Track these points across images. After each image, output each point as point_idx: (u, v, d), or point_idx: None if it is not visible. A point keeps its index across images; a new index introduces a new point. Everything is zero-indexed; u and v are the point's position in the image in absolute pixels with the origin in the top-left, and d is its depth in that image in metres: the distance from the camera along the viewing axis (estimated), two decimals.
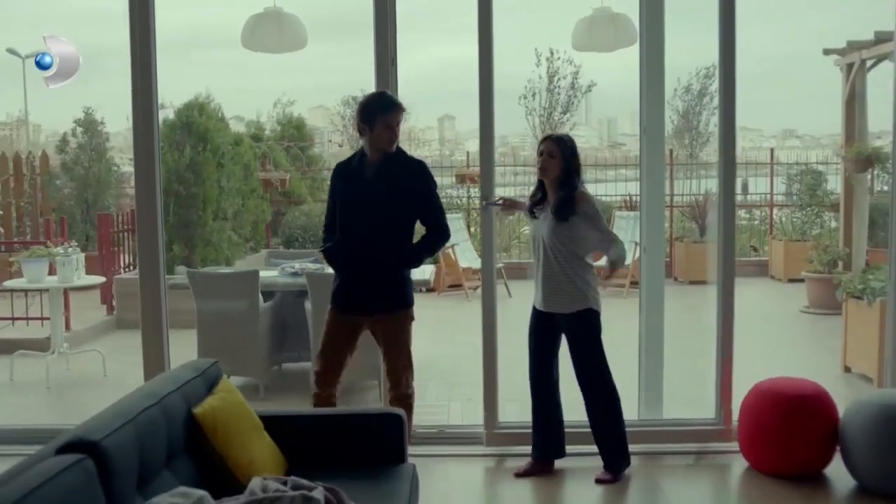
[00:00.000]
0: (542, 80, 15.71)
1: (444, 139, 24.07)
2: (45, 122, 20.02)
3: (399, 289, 4.32)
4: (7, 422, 5.70)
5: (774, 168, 13.89)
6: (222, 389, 3.23)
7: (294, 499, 2.53)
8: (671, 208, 13.20)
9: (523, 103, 16.43)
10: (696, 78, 15.40)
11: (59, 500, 2.11)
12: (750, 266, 12.74)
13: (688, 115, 15.85)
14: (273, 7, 6.03)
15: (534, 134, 17.18)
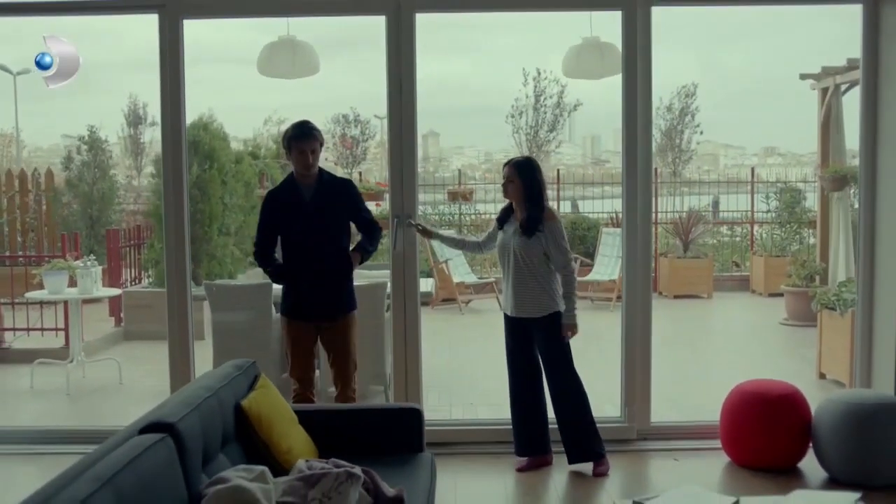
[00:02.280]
0: (528, 99, 16.16)
1: (428, 156, 24.54)
2: (27, 138, 20.35)
3: (345, 296, 4.90)
4: (32, 424, 6.08)
5: (756, 186, 14.38)
6: (262, 385, 3.64)
7: (339, 475, 2.93)
8: (655, 224, 13.68)
9: (510, 122, 16.90)
10: (677, 97, 15.94)
11: (149, 470, 2.51)
12: (732, 281, 13.19)
13: (670, 134, 16.34)
14: (287, 35, 6.44)
15: (520, 151, 17.61)
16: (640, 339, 5.41)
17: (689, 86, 15.80)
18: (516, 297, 4.89)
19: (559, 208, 14.50)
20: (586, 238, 12.76)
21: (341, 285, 4.90)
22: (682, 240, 12.69)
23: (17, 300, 8.94)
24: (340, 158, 16.63)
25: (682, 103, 16.08)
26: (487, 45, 28.27)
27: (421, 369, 5.50)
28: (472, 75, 19.99)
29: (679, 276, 12.28)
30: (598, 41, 6.28)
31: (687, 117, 16.17)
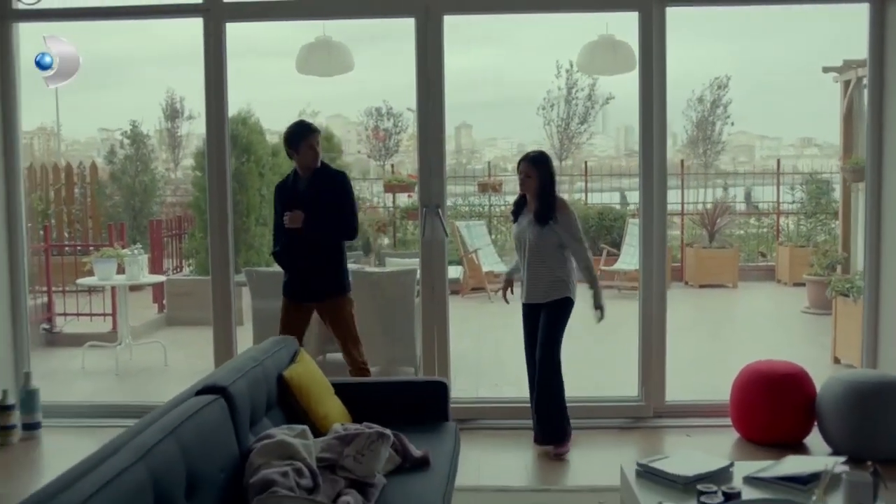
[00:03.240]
0: (560, 91, 16.35)
1: (460, 148, 24.68)
2: (65, 131, 20.83)
3: (334, 280, 5.32)
4: (84, 400, 6.51)
5: (783, 177, 14.51)
6: (301, 359, 4.00)
7: (371, 434, 3.28)
8: (682, 216, 13.91)
9: (541, 114, 17.10)
10: (708, 89, 16.05)
11: (206, 425, 2.88)
12: (758, 271, 13.39)
13: (701, 125, 16.46)
14: (323, 35, 6.80)
15: (550, 143, 17.83)
16: (656, 325, 5.71)
17: (721, 77, 15.88)
18: (529, 284, 5.10)
19: (587, 200, 14.71)
20: (613, 228, 13.00)
21: (330, 270, 5.30)
22: (708, 230, 12.90)
23: (67, 288, 9.43)
24: (373, 151, 16.93)
25: (714, 95, 16.20)
26: (520, 37, 28.31)
27: (449, 351, 5.84)
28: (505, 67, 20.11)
29: (704, 265, 12.50)
30: (613, 39, 6.57)
31: (719, 109, 16.28)
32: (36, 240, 10.80)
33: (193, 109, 15.50)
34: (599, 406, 5.70)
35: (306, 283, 5.31)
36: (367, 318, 6.71)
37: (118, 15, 6.15)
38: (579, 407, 5.42)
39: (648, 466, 3.49)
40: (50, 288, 9.35)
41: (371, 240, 12.68)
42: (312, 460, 3.05)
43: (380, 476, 3.28)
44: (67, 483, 2.22)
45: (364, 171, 17.05)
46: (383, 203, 14.63)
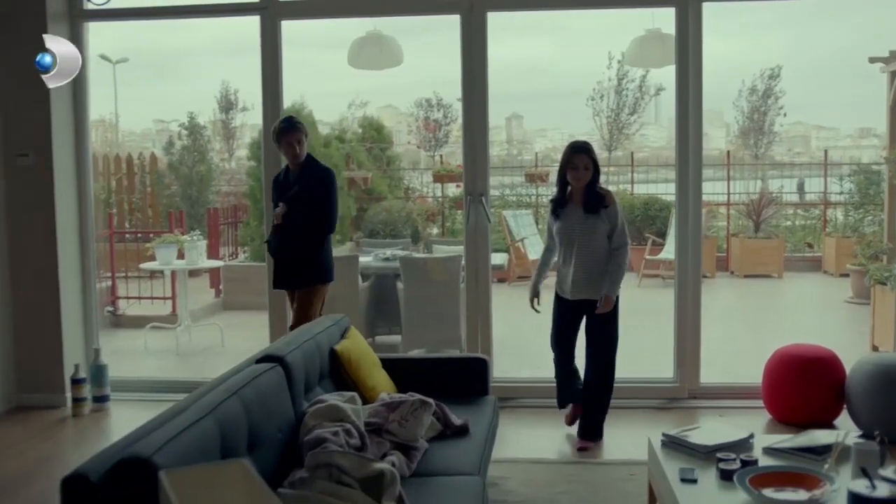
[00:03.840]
0: (610, 82, 16.43)
1: (511, 138, 24.76)
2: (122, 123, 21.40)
3: (309, 270, 5.56)
4: (148, 376, 6.91)
5: (838, 169, 14.45)
6: (351, 335, 4.31)
7: (414, 402, 3.57)
8: (728, 206, 13.99)
9: (590, 105, 17.19)
10: (760, 79, 16.03)
11: (265, 389, 3.19)
12: (804, 261, 13.41)
13: (753, 116, 16.44)
14: (374, 30, 7.10)
15: (600, 134, 17.90)
16: (692, 310, 5.92)
17: (773, 67, 15.83)
18: (578, 279, 4.95)
19: (633, 190, 14.84)
20: (658, 218, 13.13)
21: (307, 261, 5.54)
22: (754, 220, 12.98)
23: (129, 273, 9.88)
24: (423, 142, 17.18)
25: (766, 85, 16.17)
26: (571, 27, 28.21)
27: (491, 333, 6.11)
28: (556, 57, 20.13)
29: (750, 255, 12.57)
30: (660, 33, 6.76)
31: (770, 99, 16.25)
32: (100, 227, 11.29)
33: (247, 101, 15.93)
34: (636, 387, 5.93)
35: (285, 273, 5.62)
36: (415, 302, 7.03)
37: (180, 14, 6.52)
38: (617, 388, 5.63)
39: (673, 437, 3.72)
40: (114, 273, 9.81)
41: (420, 228, 12.97)
42: (361, 423, 3.35)
43: (422, 441, 3.58)
44: (145, 433, 2.54)
45: (415, 161, 17.32)
46: (432, 193, 14.91)
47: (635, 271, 11.67)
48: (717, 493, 3.24)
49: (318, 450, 2.98)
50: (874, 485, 2.79)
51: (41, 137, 6.04)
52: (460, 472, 3.39)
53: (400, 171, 15.47)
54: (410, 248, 9.56)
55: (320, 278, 5.62)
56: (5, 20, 5.94)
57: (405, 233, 12.24)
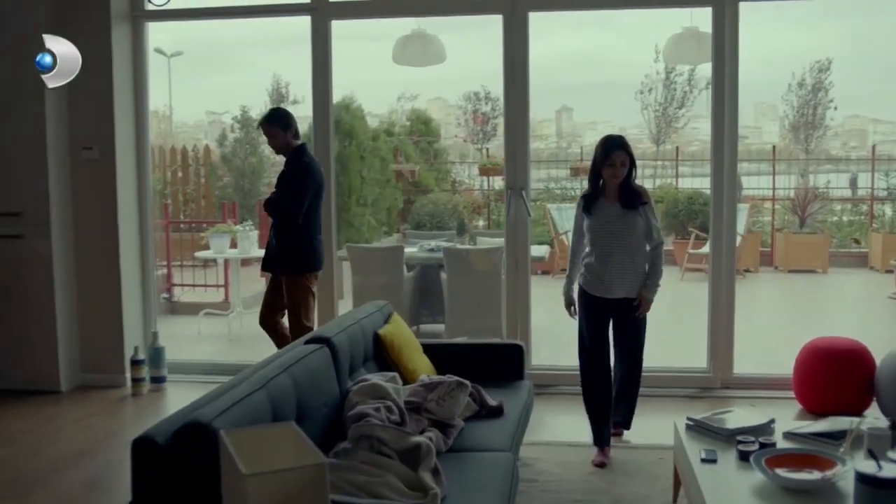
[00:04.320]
0: (658, 76, 16.46)
1: (561, 132, 24.84)
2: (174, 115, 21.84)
3: (283, 258, 5.73)
4: (203, 359, 7.24)
5: (885, 164, 14.34)
6: (394, 321, 4.57)
7: (451, 383, 3.81)
8: (773, 201, 14.00)
9: (639, 98, 17.23)
10: (809, 73, 15.95)
11: (313, 368, 3.46)
12: (850, 257, 13.38)
13: (803, 110, 16.36)
14: (418, 29, 7.35)
15: (648, 128, 17.93)
16: (725, 302, 6.08)
17: (823, 60, 15.73)
18: (613, 277, 4.74)
19: (677, 184, 14.89)
20: (701, 212, 13.20)
21: (282, 249, 5.74)
22: (799, 216, 12.99)
23: (183, 262, 10.27)
24: (471, 135, 17.36)
25: (815, 78, 16.08)
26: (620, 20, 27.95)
27: (530, 321, 6.33)
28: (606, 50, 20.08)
29: (794, 250, 12.59)
30: (698, 31, 6.90)
31: (820, 93, 16.14)
32: (156, 217, 11.70)
33: (298, 94, 16.21)
34: (671, 376, 6.11)
35: (266, 256, 5.88)
36: (459, 291, 7.28)
37: (234, 14, 6.83)
38: (652, 377, 5.82)
39: (698, 421, 3.91)
40: (169, 261, 10.20)
41: (466, 221, 13.21)
42: (401, 401, 3.60)
43: (459, 420, 3.82)
44: (205, 402, 2.82)
45: (463, 154, 17.52)
46: (479, 186, 15.12)
47: (678, 265, 11.78)
48: (735, 473, 3.43)
49: (361, 423, 3.24)
50: (881, 465, 2.96)
51: (105, 131, 6.38)
52: (493, 448, 3.63)
53: (447, 164, 15.70)
54: (455, 240, 9.81)
55: (294, 268, 5.76)
56: (72, 20, 6.27)
57: (451, 225, 12.48)
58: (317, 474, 1.86)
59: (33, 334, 6.34)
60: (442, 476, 3.10)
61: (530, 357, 6.21)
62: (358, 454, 3.11)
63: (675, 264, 11.79)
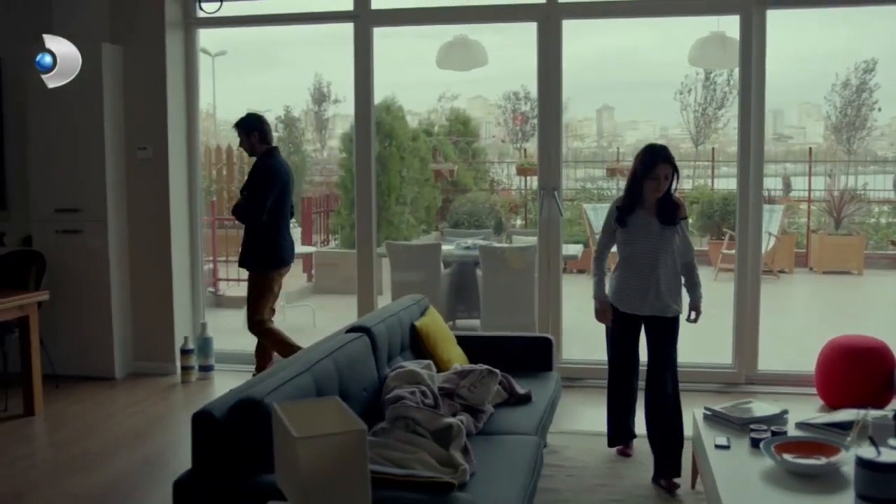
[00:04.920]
0: (698, 76, 16.56)
1: (602, 131, 24.87)
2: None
3: (246, 256, 6.09)
4: (248, 350, 7.56)
5: None
6: (430, 313, 4.85)
7: (482, 371, 4.08)
8: (809, 202, 14.07)
9: (678, 98, 17.32)
10: (854, 73, 15.95)
11: (354, 354, 3.75)
12: (887, 259, 13.41)
13: (845, 110, 16.36)
14: (461, 35, 7.65)
15: (687, 128, 18.01)
16: (751, 301, 6.28)
17: (868, 61, 15.70)
18: (647, 294, 4.51)
19: (713, 185, 14.99)
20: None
21: (246, 246, 6.09)
22: (835, 217, 13.06)
23: (229, 257, 10.65)
24: (510, 134, 17.58)
25: (860, 79, 16.07)
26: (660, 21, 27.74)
27: (561, 317, 6.57)
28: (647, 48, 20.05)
29: (829, 252, 12.66)
30: (723, 35, 7.10)
31: (864, 93, 16.12)
32: (203, 214, 12.11)
33: (339, 93, 16.56)
34: (696, 371, 6.30)
35: (240, 254, 6.20)
36: (494, 288, 7.54)
37: (281, 21, 7.15)
38: (679, 372, 6.02)
39: (714, 411, 4.14)
40: (215, 257, 10.59)
41: (503, 220, 13.46)
42: (435, 387, 3.88)
43: (489, 406, 4.08)
44: (257, 382, 3.12)
45: (504, 153, 17.75)
46: (516, 185, 15.36)
47: (712, 265, 11.93)
48: (746, 458, 3.65)
49: (398, 405, 3.52)
50: (879, 451, 3.18)
51: (158, 132, 6.73)
52: (520, 432, 3.88)
53: (485, 163, 15.95)
54: (492, 239, 10.07)
55: (255, 265, 6.10)
56: (129, 28, 6.65)
57: (489, 224, 12.74)
58: (357, 439, 2.14)
59: (90, 325, 6.72)
60: (471, 455, 3.36)
61: (561, 351, 6.47)
62: (394, 433, 3.39)
63: (710, 264, 11.94)
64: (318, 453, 2.10)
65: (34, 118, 6.61)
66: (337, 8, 6.72)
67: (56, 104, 6.49)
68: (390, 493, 2.60)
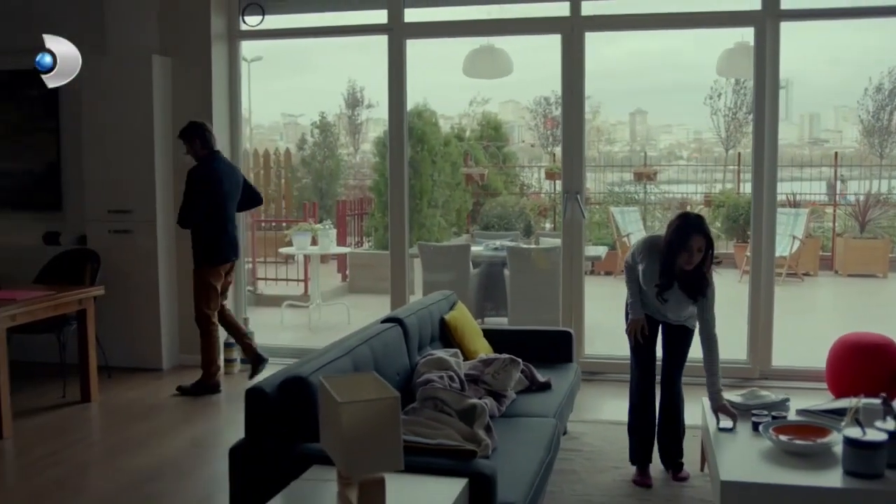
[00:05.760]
0: (728, 81, 16.74)
1: (635, 135, 24.94)
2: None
3: (194, 253, 6.46)
4: (286, 345, 7.98)
5: None
6: (458, 308, 5.22)
7: (505, 359, 4.44)
8: (834, 206, 14.26)
9: (709, 103, 17.50)
10: (888, 77, 16.06)
11: (388, 342, 4.13)
12: None
13: (878, 114, 16.46)
14: (487, 43, 8.00)
15: (717, 133, 18.17)
16: (765, 299, 6.58)
17: None
18: (677, 312, 4.50)
19: (739, 190, 15.14)
20: None
21: (192, 244, 6.47)
22: (860, 221, 13.24)
23: (267, 258, 11.11)
24: (541, 139, 17.88)
25: (894, 83, 16.16)
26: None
27: (583, 314, 6.91)
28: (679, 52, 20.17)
29: (854, 255, 12.83)
30: (748, 46, 7.37)
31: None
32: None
33: (373, 98, 16.92)
34: None
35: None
36: (520, 287, 7.89)
37: (320, 34, 7.54)
38: (696, 366, 6.33)
39: None
40: (254, 257, 11.03)
41: (532, 223, 13.79)
42: (461, 373, 4.24)
43: (511, 392, 4.44)
44: (303, 363, 3.50)
45: (536, 157, 18.03)
46: (546, 189, 15.67)
47: (738, 268, 12.18)
48: (747, 440, 3.98)
49: (427, 387, 3.89)
50: (865, 431, 3.50)
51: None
52: (539, 415, 4.24)
53: (515, 167, 16.28)
54: (519, 240, 10.41)
55: (196, 261, 6.50)
56: (177, 41, 7.08)
57: (518, 226, 13.08)
58: (392, 405, 2.50)
59: (140, 319, 7.15)
60: (493, 432, 3.72)
61: (583, 346, 6.81)
62: (424, 412, 3.76)
63: (735, 267, 12.18)
64: (357, 416, 2.46)
65: (89, 126, 7.06)
66: (371, 21, 7.10)
67: (109, 112, 6.94)
68: (420, 458, 2.96)
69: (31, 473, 4.86)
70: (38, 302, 5.72)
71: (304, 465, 2.96)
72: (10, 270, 6.77)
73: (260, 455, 3.18)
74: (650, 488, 4.55)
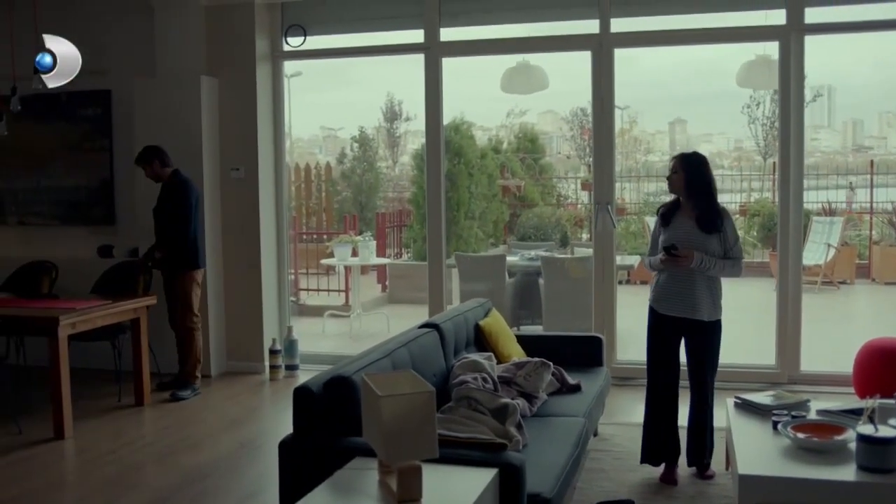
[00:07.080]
0: (767, 91, 16.81)
1: (674, 144, 24.85)
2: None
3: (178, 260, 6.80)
4: (328, 352, 8.26)
5: None
6: (493, 315, 5.46)
7: (536, 362, 4.67)
8: (871, 214, 14.30)
9: (746, 112, 17.60)
10: None
11: (425, 346, 4.39)
12: None
13: None
14: (523, 61, 8.28)
15: (755, 142, 18.26)
16: (792, 306, 6.75)
17: None
18: (689, 297, 4.59)
19: (774, 198, 15.21)
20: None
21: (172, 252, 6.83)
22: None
23: (309, 269, 11.44)
24: (578, 150, 18.07)
25: None
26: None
27: (615, 320, 7.12)
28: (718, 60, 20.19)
29: (890, 263, 12.86)
30: (769, 58, 7.59)
31: None
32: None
33: (410, 111, 17.20)
34: (742, 371, 6.76)
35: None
36: (555, 295, 8.11)
37: (358, 53, 7.85)
38: (726, 372, 6.50)
39: (744, 399, 4.66)
40: (296, 268, 11.38)
41: (568, 233, 13.99)
42: (495, 375, 4.48)
43: (542, 394, 4.67)
44: (346, 364, 3.77)
45: (574, 167, 18.20)
46: (582, 200, 15.86)
47: (773, 276, 12.26)
48: (766, 438, 4.17)
49: (462, 387, 4.14)
50: (877, 428, 3.69)
51: (249, 154, 7.48)
52: (569, 414, 4.47)
53: (552, 179, 16.49)
54: (555, 250, 10.64)
55: (187, 266, 6.86)
56: (224, 62, 7.43)
57: (554, 237, 13.29)
58: (428, 398, 2.76)
59: None
60: (524, 430, 3.96)
61: (615, 352, 7.02)
62: (459, 411, 4.00)
63: (772, 276, 12.27)
64: (396, 409, 2.72)
65: (140, 143, 7.40)
66: (408, 41, 7.39)
67: (159, 130, 7.28)
68: (454, 450, 3.21)
69: (91, 469, 5.19)
70: (95, 311, 6.06)
71: (347, 458, 3.21)
72: (68, 282, 7.15)
73: (307, 449, 3.45)
74: (676, 485, 4.73)
